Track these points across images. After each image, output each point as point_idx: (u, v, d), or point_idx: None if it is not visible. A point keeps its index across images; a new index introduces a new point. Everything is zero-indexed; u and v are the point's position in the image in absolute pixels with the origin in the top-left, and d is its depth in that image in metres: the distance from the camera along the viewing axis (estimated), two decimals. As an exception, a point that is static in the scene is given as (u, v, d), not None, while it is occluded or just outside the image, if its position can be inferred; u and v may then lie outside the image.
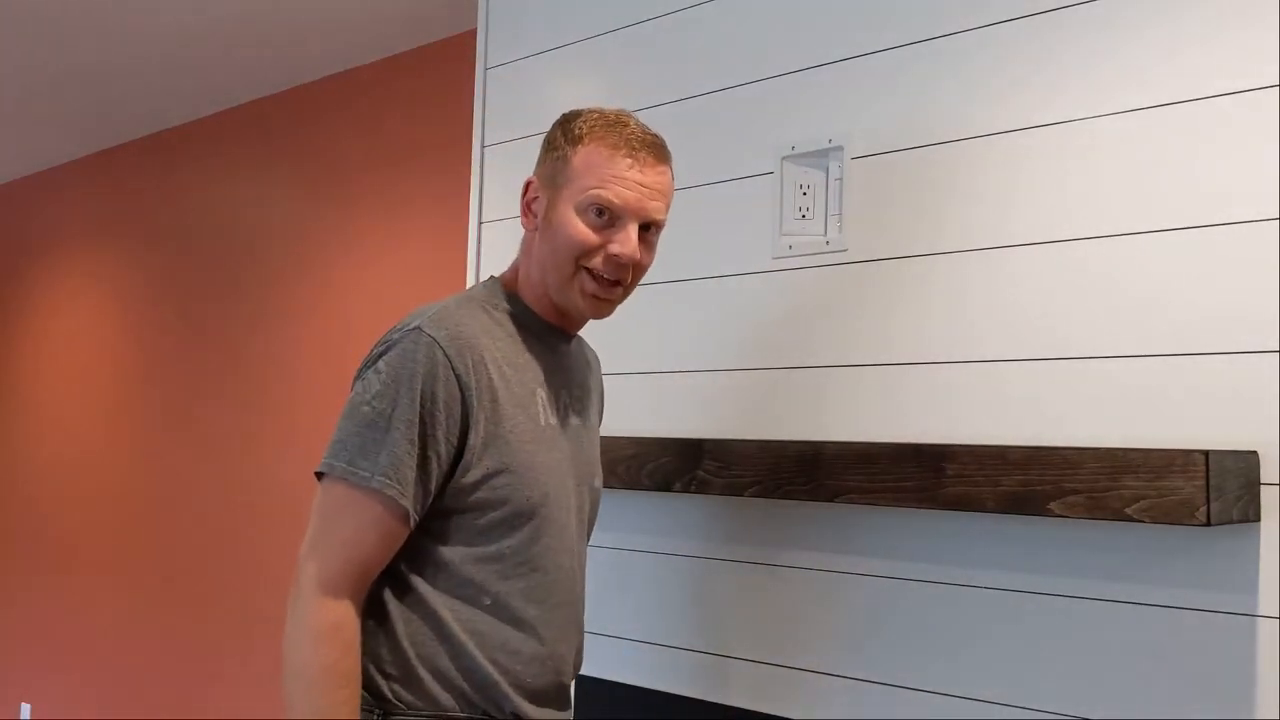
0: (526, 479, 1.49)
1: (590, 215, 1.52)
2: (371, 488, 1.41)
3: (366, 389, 1.45)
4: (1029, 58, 1.73)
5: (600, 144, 1.53)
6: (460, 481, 1.46)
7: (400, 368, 1.43)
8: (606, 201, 1.51)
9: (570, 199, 1.53)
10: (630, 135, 1.54)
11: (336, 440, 1.45)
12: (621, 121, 1.56)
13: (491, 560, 1.49)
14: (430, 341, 1.44)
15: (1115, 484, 1.47)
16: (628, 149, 1.53)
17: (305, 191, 3.95)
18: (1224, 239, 1.54)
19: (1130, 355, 1.60)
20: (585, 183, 1.52)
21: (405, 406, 1.42)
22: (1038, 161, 1.71)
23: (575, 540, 1.60)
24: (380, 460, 1.41)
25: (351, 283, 3.71)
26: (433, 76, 3.47)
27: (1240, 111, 1.54)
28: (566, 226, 1.52)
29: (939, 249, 1.81)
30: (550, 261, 1.55)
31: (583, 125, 1.55)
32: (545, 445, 1.54)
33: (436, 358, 1.44)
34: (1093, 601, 1.61)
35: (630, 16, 2.27)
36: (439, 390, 1.43)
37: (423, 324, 1.46)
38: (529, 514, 1.50)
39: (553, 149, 1.57)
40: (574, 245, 1.52)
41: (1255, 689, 1.48)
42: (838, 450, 1.76)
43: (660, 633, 2.12)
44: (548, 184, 1.56)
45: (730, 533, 2.03)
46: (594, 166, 1.52)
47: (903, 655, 1.79)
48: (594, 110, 1.58)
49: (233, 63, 3.76)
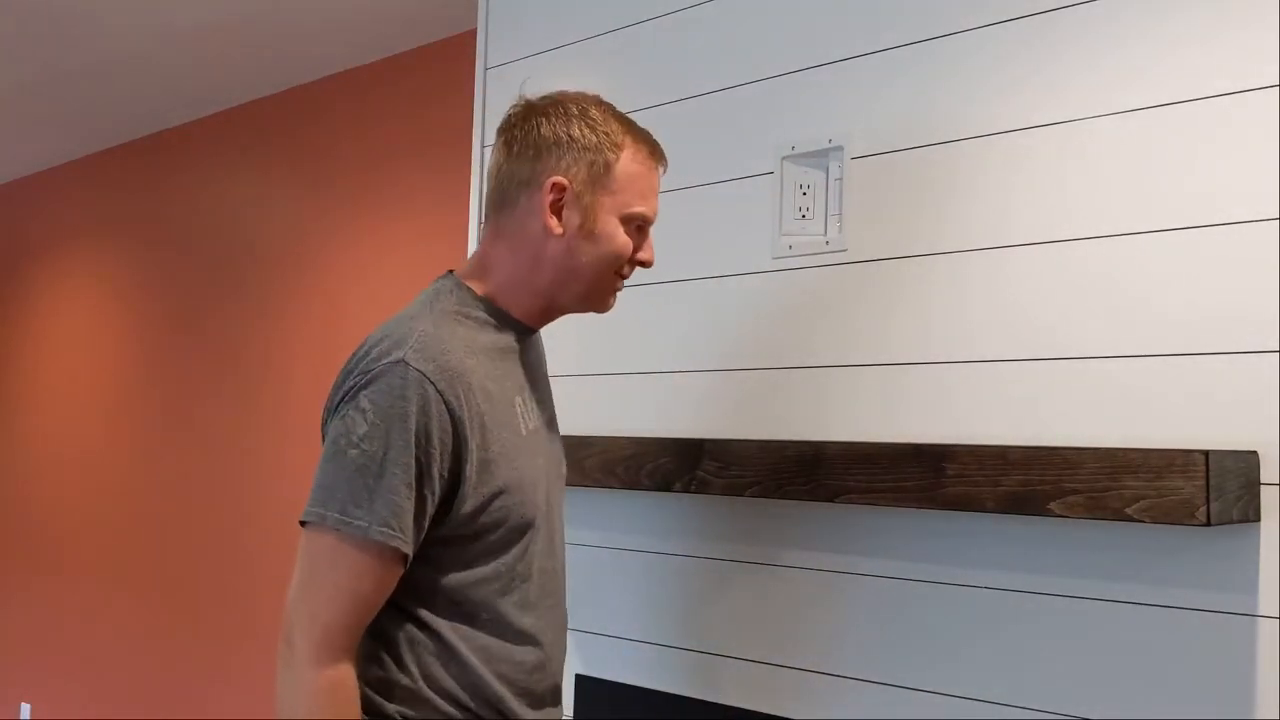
0: (520, 497, 1.46)
1: (632, 227, 1.53)
2: (369, 539, 1.34)
3: (351, 429, 1.36)
4: (1029, 58, 1.73)
5: (637, 153, 1.52)
6: (458, 513, 1.41)
7: (390, 406, 1.35)
8: (646, 218, 1.54)
9: (615, 209, 1.51)
10: (655, 144, 1.56)
11: (323, 486, 1.36)
12: (639, 126, 1.56)
13: (489, 580, 1.46)
14: (419, 376, 1.36)
15: (1115, 484, 1.47)
16: (656, 159, 1.55)
17: (305, 191, 3.95)
18: (1224, 239, 1.54)
19: (1130, 355, 1.60)
20: (630, 196, 1.51)
21: (399, 448, 1.34)
22: (1038, 161, 1.71)
23: (559, 538, 1.59)
24: (377, 509, 1.34)
25: (351, 282, 3.71)
26: (433, 76, 3.47)
27: (1240, 111, 1.54)
28: (615, 239, 1.51)
29: (939, 249, 1.81)
30: (591, 271, 1.52)
31: (615, 128, 1.52)
32: (529, 455, 1.50)
33: (429, 394, 1.36)
34: (1093, 601, 1.61)
35: (630, 16, 2.27)
36: (433, 428, 1.36)
37: (407, 356, 1.37)
38: (524, 529, 1.48)
39: (585, 150, 1.50)
40: (621, 257, 1.53)
41: (1255, 689, 1.48)
42: (838, 450, 1.76)
43: (660, 633, 2.12)
44: (591, 188, 1.50)
45: (730, 533, 2.03)
46: (636, 179, 1.52)
47: (903, 655, 1.79)
48: (601, 105, 1.55)
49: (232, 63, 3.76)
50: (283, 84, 3.99)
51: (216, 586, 4.14)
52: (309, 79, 3.93)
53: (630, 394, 2.17)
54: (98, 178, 5.01)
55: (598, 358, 2.25)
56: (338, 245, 3.79)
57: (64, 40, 3.57)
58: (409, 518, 1.35)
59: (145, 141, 4.72)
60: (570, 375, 2.27)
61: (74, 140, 4.84)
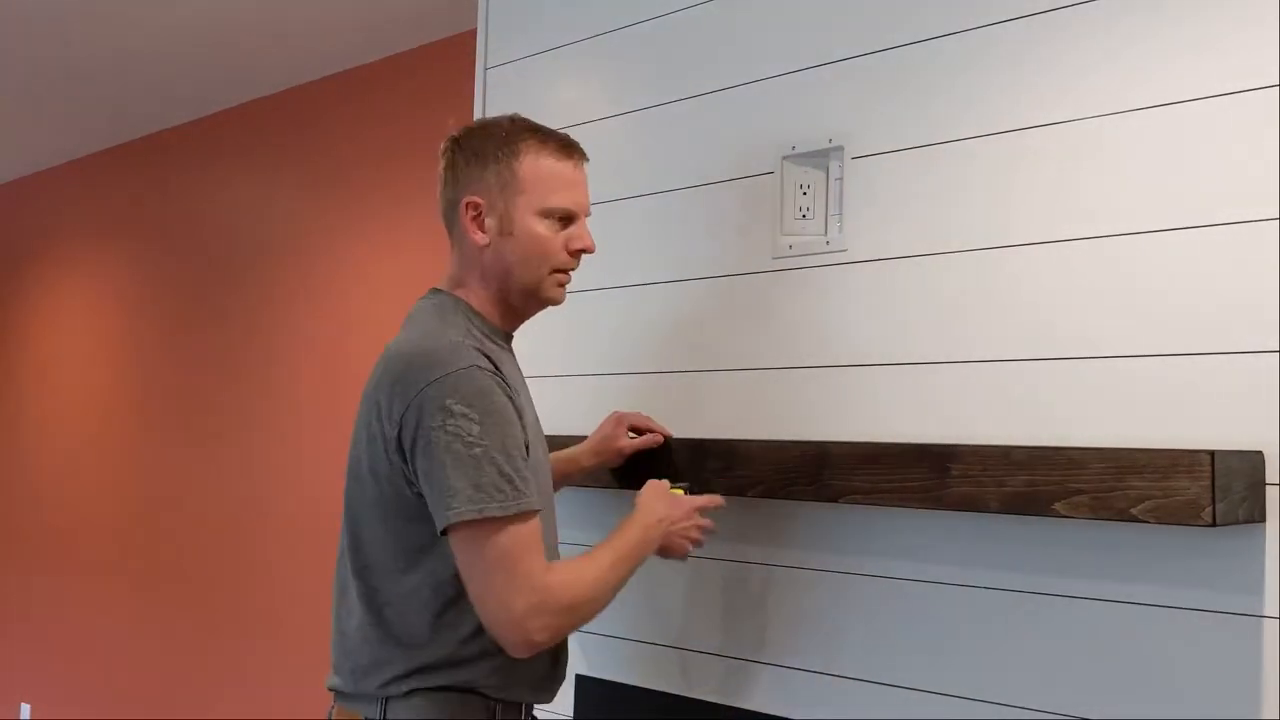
0: (544, 480, 1.65)
1: (553, 222, 1.65)
2: (522, 510, 1.49)
3: (462, 432, 1.49)
4: (1029, 58, 1.73)
5: (540, 154, 1.65)
6: None
7: (488, 404, 1.51)
8: (567, 210, 1.65)
9: (529, 209, 1.64)
10: (558, 138, 1.67)
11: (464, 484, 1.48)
12: (536, 124, 1.68)
13: None
14: (492, 377, 1.53)
15: (1120, 484, 1.47)
16: (565, 153, 1.67)
17: (305, 191, 3.94)
18: (1230, 238, 1.53)
19: (1135, 355, 1.59)
20: (541, 192, 1.64)
21: (514, 433, 1.52)
22: (1038, 161, 1.71)
23: (553, 536, 1.72)
24: (520, 487, 1.50)
25: (351, 282, 3.71)
26: (433, 76, 3.47)
27: (1241, 111, 1.53)
28: (534, 236, 1.64)
29: (939, 249, 1.80)
30: (522, 269, 1.65)
31: (510, 133, 1.65)
32: (544, 448, 1.70)
33: (502, 390, 1.54)
34: (1097, 602, 1.61)
35: (630, 16, 2.27)
36: (514, 414, 1.54)
37: (476, 362, 1.53)
38: (545, 513, 1.62)
39: (491, 162, 1.64)
40: (546, 253, 1.65)
41: (1260, 690, 1.47)
42: (842, 451, 1.76)
43: (661, 633, 2.11)
44: (497, 199, 1.64)
45: (733, 533, 2.03)
46: (544, 177, 1.64)
47: (906, 655, 1.79)
48: (516, 121, 1.68)
49: (233, 63, 3.76)
50: (283, 84, 3.99)
51: (217, 586, 4.14)
52: (309, 79, 3.92)
53: (631, 394, 2.17)
54: (98, 178, 5.00)
55: (598, 358, 2.25)
56: (338, 245, 3.79)
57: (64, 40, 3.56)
58: (531, 483, 1.53)
59: (145, 141, 4.72)
60: (571, 375, 2.27)
61: (74, 140, 4.84)
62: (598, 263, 1.81)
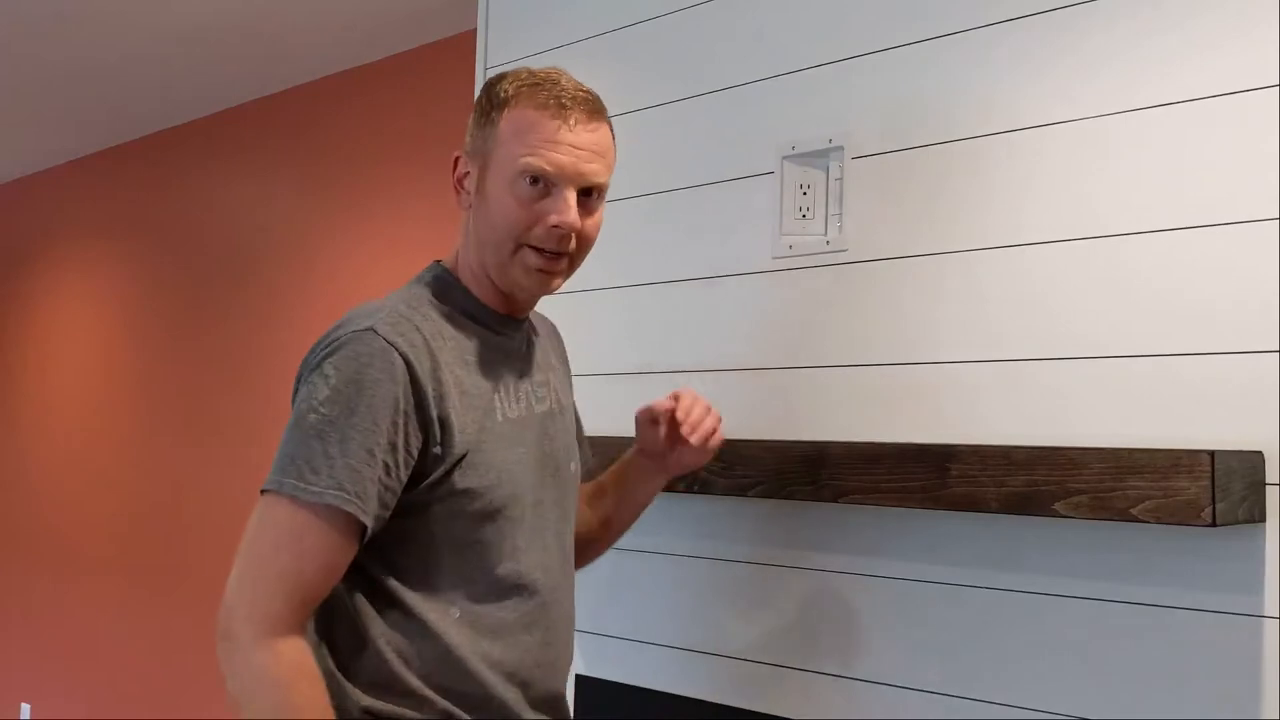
0: (488, 481, 1.40)
1: (524, 186, 1.40)
2: (325, 503, 1.28)
3: (313, 394, 1.31)
4: (1029, 58, 1.73)
5: (526, 106, 1.40)
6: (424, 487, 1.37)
7: (356, 372, 1.31)
8: (539, 169, 1.39)
9: (501, 171, 1.41)
10: (559, 93, 1.41)
11: (283, 454, 1.31)
12: (550, 79, 1.43)
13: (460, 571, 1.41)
14: (385, 345, 1.33)
15: (1120, 484, 1.47)
16: (556, 108, 1.40)
17: (305, 191, 3.94)
18: (1230, 238, 1.53)
19: (1135, 355, 1.59)
20: (514, 150, 1.40)
21: (362, 413, 1.30)
22: (1039, 161, 1.71)
23: (555, 539, 1.52)
24: (335, 472, 1.28)
25: (351, 282, 3.71)
26: (433, 76, 3.47)
27: (1242, 111, 1.53)
28: (500, 201, 1.41)
29: (940, 249, 1.80)
30: (489, 240, 1.43)
31: (508, 87, 1.43)
32: (506, 443, 1.44)
33: (395, 363, 1.32)
34: (1097, 602, 1.61)
35: (630, 16, 2.27)
36: (399, 395, 1.32)
37: (376, 325, 1.34)
38: (491, 515, 1.41)
39: (479, 115, 1.45)
40: (510, 221, 1.41)
41: (1260, 690, 1.47)
42: (841, 451, 1.76)
43: (661, 633, 2.11)
44: (476, 156, 1.45)
45: (733, 533, 2.03)
46: (522, 132, 1.40)
47: (905, 655, 1.79)
48: (522, 69, 1.46)
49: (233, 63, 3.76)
50: (283, 84, 3.99)
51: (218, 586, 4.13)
52: (309, 79, 3.92)
53: (631, 394, 2.17)
54: (98, 178, 5.00)
55: (598, 358, 2.25)
56: (338, 245, 3.79)
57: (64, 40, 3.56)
58: (369, 485, 1.30)
59: (145, 141, 4.72)
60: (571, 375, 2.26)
61: (74, 140, 4.84)
62: (597, 262, 1.81)
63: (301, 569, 1.30)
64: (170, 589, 4.36)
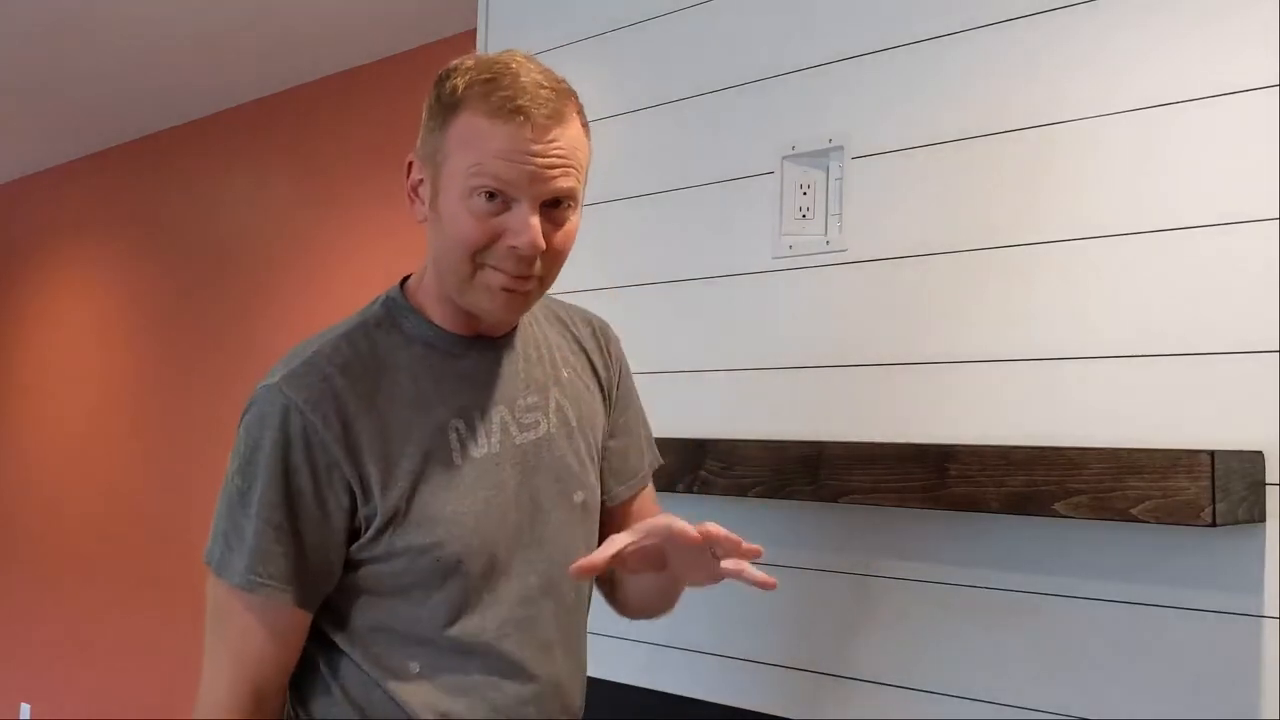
0: (436, 533, 1.27)
1: (479, 202, 1.22)
2: (243, 586, 1.23)
3: (232, 457, 1.27)
4: (1029, 58, 1.73)
5: (476, 111, 1.22)
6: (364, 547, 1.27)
7: (259, 436, 1.24)
8: (492, 186, 1.22)
9: (453, 183, 1.24)
10: (515, 91, 1.22)
11: (214, 524, 1.28)
12: (505, 71, 1.24)
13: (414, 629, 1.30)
14: (286, 405, 1.24)
15: (1120, 484, 1.46)
16: (510, 111, 1.21)
17: (304, 192, 3.94)
18: (1230, 238, 1.53)
19: (1135, 355, 1.59)
20: (464, 161, 1.22)
21: (264, 484, 1.23)
22: (1038, 161, 1.71)
23: (540, 578, 1.35)
24: (245, 552, 1.23)
25: (350, 283, 3.71)
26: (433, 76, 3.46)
27: (1241, 111, 1.53)
28: (455, 218, 1.24)
29: (939, 249, 1.80)
30: (445, 260, 1.28)
31: (458, 84, 1.25)
32: (462, 489, 1.30)
33: (293, 424, 1.23)
34: (1097, 602, 1.61)
35: (630, 16, 2.27)
36: (298, 462, 1.23)
37: (280, 381, 1.25)
38: (444, 574, 1.28)
39: (429, 116, 1.27)
40: (466, 240, 1.24)
41: (1260, 690, 1.47)
42: (841, 450, 1.76)
43: (660, 633, 2.11)
44: (428, 162, 1.27)
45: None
46: (470, 140, 1.22)
47: (905, 655, 1.79)
48: (471, 59, 1.28)
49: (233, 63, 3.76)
50: (282, 84, 3.99)
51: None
52: (309, 79, 3.92)
53: (631, 394, 2.17)
54: (96, 178, 5.00)
55: (599, 358, 2.25)
56: (337, 246, 3.79)
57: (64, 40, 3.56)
58: (283, 561, 1.23)
59: (144, 141, 4.72)
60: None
61: (73, 140, 4.84)
62: (597, 263, 1.81)
63: (243, 652, 1.25)
64: (170, 589, 4.36)
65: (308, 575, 1.25)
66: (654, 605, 1.53)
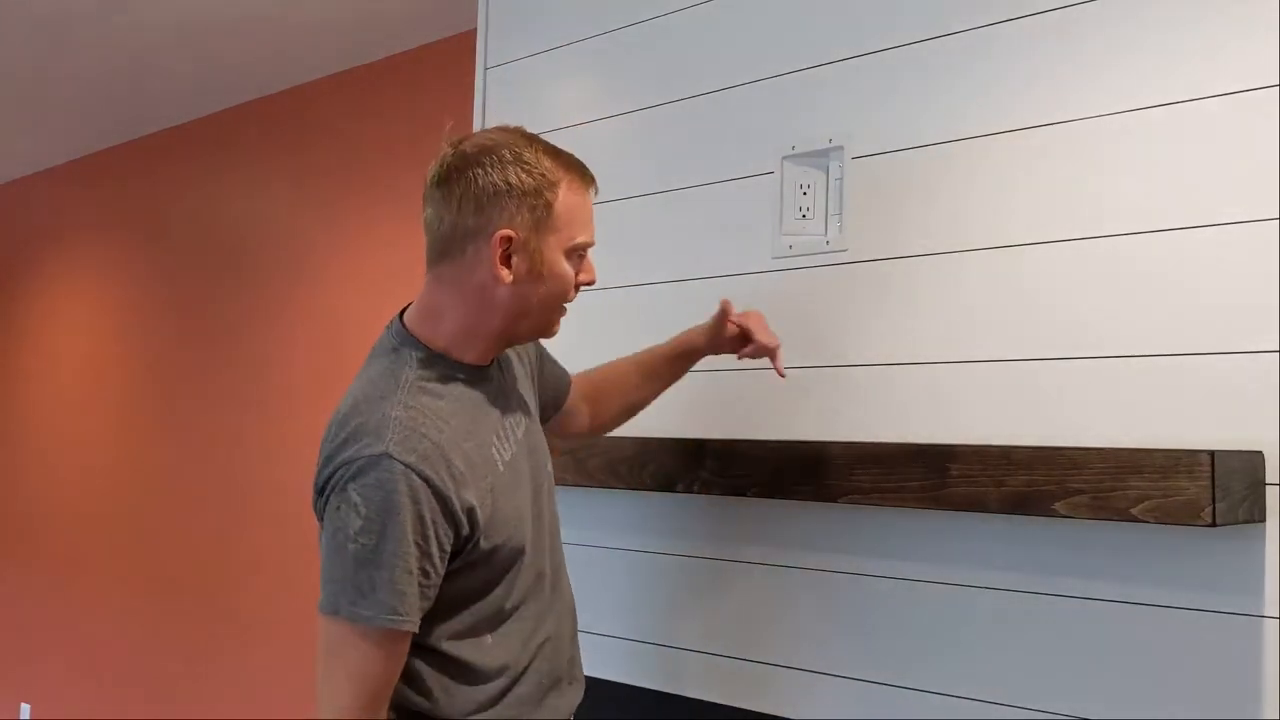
0: (507, 534, 1.54)
1: (575, 258, 1.56)
2: (376, 626, 1.42)
3: (348, 524, 1.42)
4: (1029, 58, 1.73)
5: (572, 185, 1.54)
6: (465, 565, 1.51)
7: (383, 501, 1.41)
8: (589, 246, 1.57)
9: (559, 246, 1.53)
10: (583, 168, 1.56)
11: (331, 579, 1.44)
12: (565, 152, 1.56)
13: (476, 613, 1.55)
14: (405, 470, 1.42)
15: (1120, 484, 1.47)
16: (587, 184, 1.56)
17: (304, 192, 3.94)
18: (1230, 238, 1.53)
19: (1135, 355, 1.59)
20: (572, 230, 1.54)
21: (396, 539, 1.41)
22: (1039, 161, 1.71)
23: (549, 540, 1.66)
24: (381, 598, 1.41)
25: (349, 282, 3.71)
26: (433, 76, 3.46)
27: (1241, 111, 1.53)
28: (564, 276, 1.55)
29: (939, 249, 1.80)
30: (538, 308, 1.55)
31: (546, 164, 1.52)
32: (511, 488, 1.57)
33: (416, 485, 1.42)
34: (1097, 602, 1.61)
35: (630, 16, 2.27)
36: (424, 514, 1.43)
37: (390, 450, 1.43)
38: (513, 561, 1.56)
39: (525, 195, 1.50)
40: (568, 291, 1.56)
41: (1260, 690, 1.47)
42: (841, 451, 1.76)
43: (661, 633, 2.11)
44: (532, 233, 1.51)
45: (733, 534, 2.03)
46: (574, 210, 1.54)
47: (904, 655, 1.79)
48: (532, 143, 1.54)
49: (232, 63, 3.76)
50: (282, 84, 3.99)
51: (217, 586, 4.14)
52: (309, 79, 3.92)
53: (631, 394, 2.17)
54: (98, 177, 5.00)
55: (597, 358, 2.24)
56: (337, 245, 3.79)
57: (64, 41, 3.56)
58: (413, 599, 1.43)
59: (145, 141, 4.72)
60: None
61: (74, 140, 4.84)
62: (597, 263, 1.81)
63: (366, 674, 1.44)
64: (170, 589, 4.36)
65: (425, 603, 1.46)
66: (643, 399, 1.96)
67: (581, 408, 1.93)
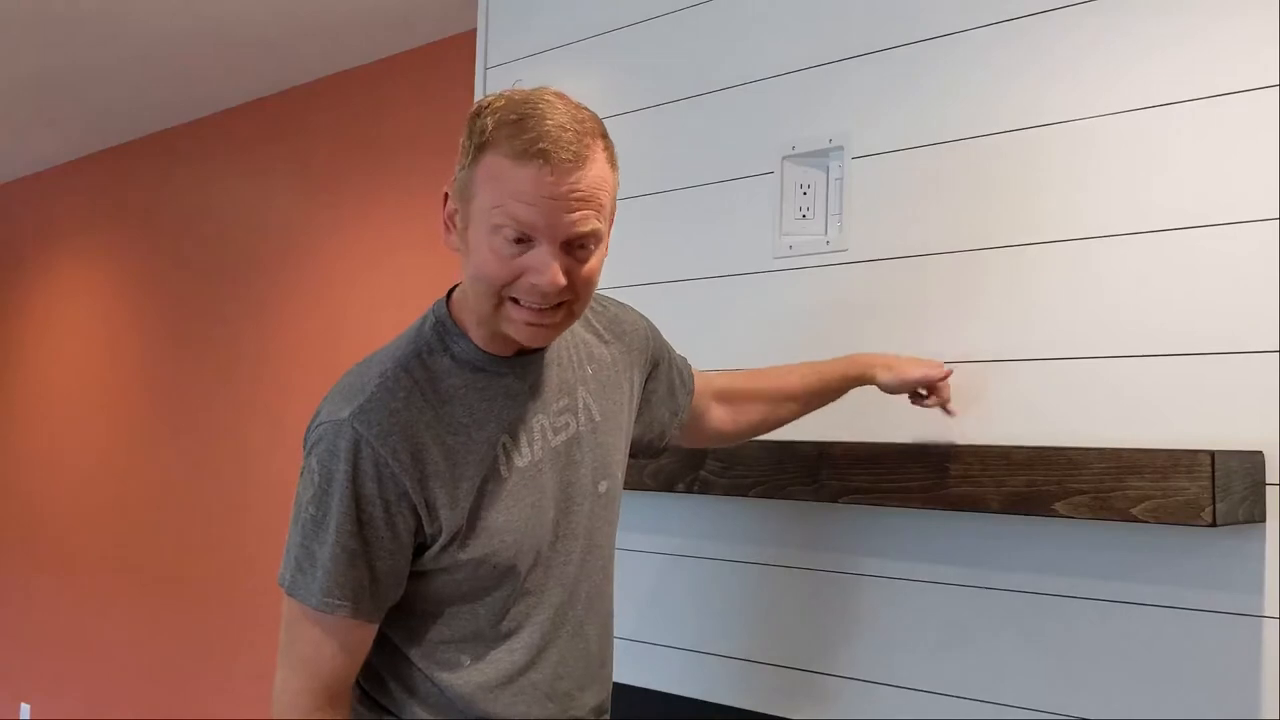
0: (493, 543, 1.37)
1: (501, 241, 1.28)
2: (318, 607, 1.33)
3: (304, 488, 1.34)
4: (1029, 58, 1.73)
5: (503, 151, 1.26)
6: (429, 562, 1.37)
7: (332, 468, 1.31)
8: (515, 227, 1.27)
9: (479, 219, 1.29)
10: (536, 134, 1.26)
11: (287, 549, 1.37)
12: (528, 114, 1.27)
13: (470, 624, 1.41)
14: (356, 439, 1.30)
15: (1120, 484, 1.47)
16: (533, 155, 1.25)
17: (304, 192, 3.94)
18: (1230, 238, 1.53)
19: (1135, 355, 1.59)
20: (488, 200, 1.28)
21: (339, 514, 1.31)
22: (1039, 161, 1.71)
23: (578, 568, 1.46)
24: (318, 577, 1.32)
25: (350, 283, 3.71)
26: (433, 76, 3.46)
27: (1240, 111, 1.54)
28: (480, 253, 1.30)
29: (939, 249, 1.80)
30: (472, 290, 1.34)
31: (488, 122, 1.29)
32: (514, 497, 1.39)
33: (364, 456, 1.30)
34: (1097, 602, 1.61)
35: (630, 16, 2.27)
36: (371, 492, 1.31)
37: (351, 416, 1.31)
38: (500, 578, 1.39)
39: (463, 153, 1.33)
40: (490, 275, 1.29)
41: (1260, 689, 1.47)
42: (841, 450, 1.76)
43: (661, 634, 2.11)
44: (460, 196, 1.33)
45: (733, 533, 2.03)
46: (496, 179, 1.27)
47: (905, 655, 1.79)
48: (502, 98, 1.31)
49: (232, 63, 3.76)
50: (283, 84, 3.99)
51: (217, 586, 4.14)
52: (309, 79, 3.92)
53: (632, 394, 2.17)
54: (98, 178, 5.00)
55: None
56: (337, 245, 3.79)
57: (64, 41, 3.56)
58: (353, 586, 1.32)
59: (145, 141, 4.72)
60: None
61: (74, 140, 4.84)
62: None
63: (317, 660, 1.36)
64: (170, 588, 4.36)
65: (376, 594, 1.35)
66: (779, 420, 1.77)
67: (711, 409, 1.74)
